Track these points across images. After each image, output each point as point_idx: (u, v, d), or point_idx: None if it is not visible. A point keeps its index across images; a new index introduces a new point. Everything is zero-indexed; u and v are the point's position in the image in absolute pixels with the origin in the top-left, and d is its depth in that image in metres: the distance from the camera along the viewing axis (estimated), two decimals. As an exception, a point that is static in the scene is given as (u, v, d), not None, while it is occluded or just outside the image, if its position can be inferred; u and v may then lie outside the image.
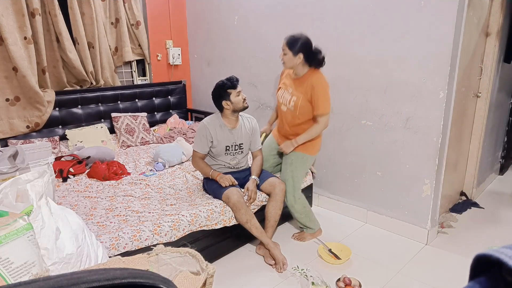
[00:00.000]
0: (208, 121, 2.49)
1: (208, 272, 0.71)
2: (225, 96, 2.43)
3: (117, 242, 1.91)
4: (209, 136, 2.46)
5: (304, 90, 2.48)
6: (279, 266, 2.37)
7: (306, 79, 2.48)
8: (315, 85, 2.43)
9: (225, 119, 2.51)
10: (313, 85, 2.44)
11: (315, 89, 2.43)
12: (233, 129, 2.52)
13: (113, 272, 0.39)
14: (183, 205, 2.40)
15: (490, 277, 0.38)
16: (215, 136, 2.47)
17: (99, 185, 2.71)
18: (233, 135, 2.53)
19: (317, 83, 2.44)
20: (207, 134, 2.46)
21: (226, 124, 2.50)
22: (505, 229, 2.94)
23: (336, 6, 2.89)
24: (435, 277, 2.31)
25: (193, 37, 4.36)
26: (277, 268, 2.38)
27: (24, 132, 3.21)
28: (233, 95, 2.43)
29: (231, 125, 2.52)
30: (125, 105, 3.90)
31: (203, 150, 2.50)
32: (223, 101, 2.44)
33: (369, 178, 2.96)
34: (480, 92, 3.21)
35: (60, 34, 3.34)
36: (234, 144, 2.55)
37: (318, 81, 2.44)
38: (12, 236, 0.92)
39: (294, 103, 2.52)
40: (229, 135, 2.51)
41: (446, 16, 2.36)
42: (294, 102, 2.52)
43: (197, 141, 2.51)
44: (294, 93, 2.53)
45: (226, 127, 2.50)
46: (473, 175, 3.41)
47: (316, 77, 2.46)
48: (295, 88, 2.53)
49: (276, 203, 2.53)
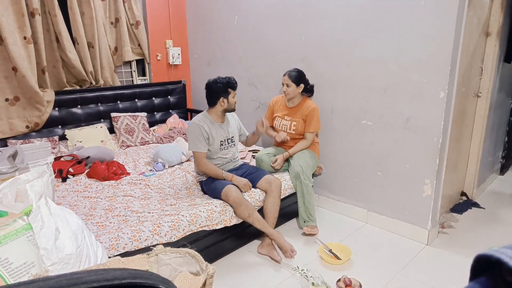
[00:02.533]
0: (199, 120, 2.51)
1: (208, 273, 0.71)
2: (224, 93, 2.47)
3: (116, 242, 1.91)
4: (205, 133, 2.48)
5: (300, 115, 2.94)
6: (288, 253, 2.38)
7: (302, 105, 2.96)
8: (311, 109, 2.90)
9: (214, 116, 2.56)
10: (309, 109, 2.90)
11: (310, 112, 2.90)
12: (222, 124, 2.58)
13: (112, 272, 0.39)
14: (183, 205, 2.39)
15: (490, 277, 0.38)
16: (210, 133, 2.50)
17: (98, 185, 2.71)
18: (223, 130, 2.58)
19: (313, 107, 2.91)
20: (202, 132, 2.47)
21: (215, 120, 2.55)
22: (505, 229, 2.94)
23: (336, 6, 2.89)
24: (435, 278, 2.31)
25: (193, 37, 4.36)
26: (287, 255, 2.39)
27: (23, 132, 3.21)
28: (231, 96, 2.51)
29: (220, 121, 2.57)
30: (124, 105, 3.89)
31: (204, 149, 2.49)
32: (221, 98, 2.48)
33: (369, 178, 2.96)
34: (481, 92, 3.21)
35: (60, 34, 3.34)
36: (227, 138, 2.60)
37: (313, 106, 2.93)
38: (12, 236, 0.91)
39: (295, 127, 2.96)
40: (220, 130, 2.56)
41: (446, 16, 2.36)
42: (295, 127, 2.96)
43: (195, 142, 2.48)
44: (293, 120, 2.97)
45: (216, 123, 2.55)
46: (473, 175, 3.41)
47: (311, 103, 2.97)
48: (293, 116, 2.98)
49: (274, 199, 2.55)
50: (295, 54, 3.26)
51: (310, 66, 3.14)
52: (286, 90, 2.90)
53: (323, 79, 3.08)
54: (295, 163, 2.80)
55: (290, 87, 2.87)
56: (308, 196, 2.75)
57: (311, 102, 2.98)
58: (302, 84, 2.90)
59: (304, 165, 2.77)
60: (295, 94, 2.91)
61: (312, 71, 3.09)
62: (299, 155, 2.89)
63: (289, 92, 2.89)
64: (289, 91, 2.89)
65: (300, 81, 2.89)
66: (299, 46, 3.22)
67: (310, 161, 2.87)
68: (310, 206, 2.76)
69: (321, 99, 3.09)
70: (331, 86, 3.05)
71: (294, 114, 2.97)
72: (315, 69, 3.11)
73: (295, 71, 2.90)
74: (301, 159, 2.83)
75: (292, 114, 2.98)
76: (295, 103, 2.98)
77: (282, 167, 2.95)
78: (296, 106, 2.97)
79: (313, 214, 2.78)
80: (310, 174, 2.84)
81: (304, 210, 2.76)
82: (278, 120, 3.07)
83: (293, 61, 3.27)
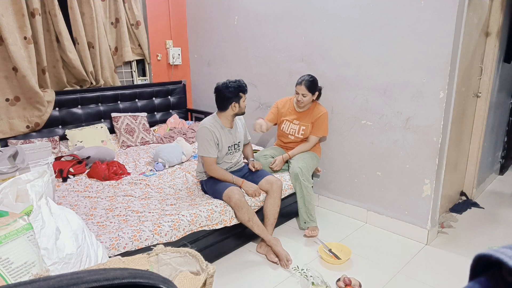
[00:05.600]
0: (210, 124, 2.44)
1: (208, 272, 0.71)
2: (236, 98, 2.42)
3: (117, 242, 1.91)
4: (215, 139, 2.44)
5: (310, 119, 2.93)
6: (283, 262, 2.38)
7: (312, 109, 2.94)
8: (322, 113, 2.92)
9: (224, 120, 2.50)
10: (320, 113, 2.91)
11: (321, 117, 2.91)
12: (231, 129, 2.54)
13: (113, 272, 0.39)
14: (183, 205, 2.39)
15: (490, 277, 0.38)
16: (219, 139, 2.46)
17: (99, 185, 2.71)
18: (232, 135, 2.54)
19: (324, 112, 2.93)
20: (213, 137, 2.42)
21: (225, 125, 2.50)
22: (505, 229, 2.94)
23: (336, 6, 2.89)
24: (435, 277, 2.31)
25: (193, 37, 4.36)
26: (282, 264, 2.39)
27: (24, 132, 3.21)
28: (242, 100, 2.46)
29: (229, 126, 2.52)
30: (125, 105, 3.89)
31: (214, 154, 2.45)
32: (233, 103, 2.43)
33: (369, 178, 2.96)
34: (480, 92, 3.21)
35: (60, 34, 3.34)
36: (234, 144, 2.56)
37: (324, 111, 2.94)
38: (12, 236, 0.92)
39: (304, 132, 2.95)
40: (229, 136, 2.52)
41: (446, 16, 2.36)
42: (304, 131, 2.95)
43: (206, 146, 2.43)
44: (301, 124, 2.95)
45: (225, 128, 2.50)
46: (473, 175, 3.41)
47: (322, 107, 2.96)
48: (302, 120, 2.95)
49: (274, 200, 2.55)
50: (295, 54, 3.26)
51: (310, 66, 3.14)
52: (301, 99, 2.82)
53: (323, 79, 3.08)
54: (295, 165, 2.79)
55: (306, 96, 2.81)
56: (308, 197, 2.75)
57: (322, 107, 2.96)
58: (317, 92, 2.87)
59: (303, 166, 2.76)
60: (309, 101, 2.88)
61: (312, 71, 3.08)
62: (299, 156, 2.89)
63: (305, 101, 2.83)
64: (304, 100, 2.82)
65: (315, 89, 2.84)
66: (299, 46, 3.22)
67: (310, 162, 2.86)
68: (310, 206, 2.76)
69: (321, 99, 3.09)
70: (331, 86, 3.05)
71: (304, 118, 2.94)
72: (315, 69, 3.11)
73: (311, 80, 2.80)
74: (300, 161, 2.82)
75: (302, 118, 2.95)
76: (305, 108, 2.95)
77: (281, 168, 2.95)
78: (306, 111, 2.95)
79: (314, 214, 2.78)
80: (310, 175, 2.84)
81: (305, 211, 2.76)
82: (287, 124, 3.01)
83: (293, 61, 3.27)
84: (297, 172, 2.73)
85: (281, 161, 2.89)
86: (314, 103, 2.96)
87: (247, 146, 2.84)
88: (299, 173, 2.72)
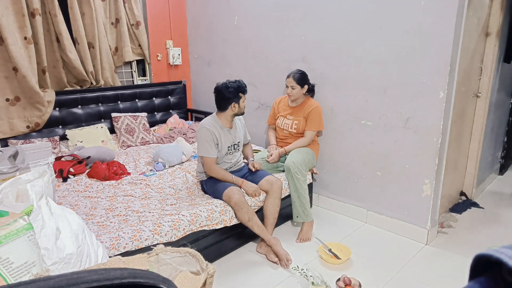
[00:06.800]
0: (210, 124, 2.45)
1: (208, 272, 0.71)
2: (236, 98, 2.43)
3: (117, 242, 1.91)
4: (215, 139, 2.44)
5: (303, 114, 2.97)
6: (283, 262, 2.38)
7: (304, 104, 3.00)
8: (313, 107, 2.95)
9: (223, 121, 2.50)
10: (311, 108, 2.95)
11: (312, 111, 2.94)
12: (230, 129, 2.54)
13: (113, 272, 0.39)
14: (183, 205, 2.40)
15: (490, 277, 0.38)
16: (219, 139, 2.46)
17: (99, 185, 2.71)
18: (231, 135, 2.54)
19: (315, 106, 2.96)
20: (213, 137, 2.43)
21: (224, 125, 2.50)
22: (505, 229, 2.94)
23: (336, 6, 2.89)
24: (435, 277, 2.31)
25: (193, 37, 4.36)
26: (282, 264, 2.39)
27: (24, 132, 3.21)
28: (242, 100, 2.47)
29: (228, 126, 2.52)
30: (125, 105, 3.89)
31: (214, 154, 2.46)
32: (233, 103, 2.43)
33: (369, 178, 2.96)
34: (480, 92, 3.21)
35: (60, 34, 3.34)
36: (233, 144, 2.56)
37: (315, 105, 2.98)
38: (12, 236, 0.92)
39: (296, 126, 2.99)
40: (228, 136, 2.52)
41: (446, 16, 2.36)
42: (297, 125, 2.99)
43: (205, 146, 2.43)
44: (295, 118, 3.01)
45: (225, 128, 2.50)
46: (473, 175, 3.41)
47: (314, 102, 3.02)
48: (295, 115, 3.01)
49: (274, 200, 2.55)
50: (295, 54, 3.26)
51: (310, 66, 3.14)
52: (290, 92, 2.91)
53: (323, 79, 3.08)
54: (289, 160, 2.79)
55: (295, 89, 2.90)
56: (302, 191, 2.74)
57: (313, 101, 3.02)
58: (306, 85, 2.94)
59: (296, 160, 2.75)
60: (300, 95, 2.95)
61: (312, 71, 3.09)
62: (295, 151, 2.90)
63: (294, 94, 2.92)
64: (293, 93, 2.91)
65: (304, 82, 2.92)
66: (299, 46, 3.22)
67: (306, 157, 2.86)
68: (304, 201, 2.75)
69: (321, 99, 3.09)
70: (331, 86, 3.06)
71: (297, 113, 3.00)
72: (315, 69, 3.11)
73: (299, 73, 2.91)
74: (294, 156, 2.81)
75: (295, 113, 3.01)
76: (298, 103, 3.01)
77: (276, 162, 2.94)
78: (299, 106, 3.01)
79: (308, 209, 2.77)
80: (303, 170, 2.79)
81: (300, 205, 2.75)
82: (281, 119, 3.09)
83: (293, 61, 3.27)
84: (289, 165, 2.73)
85: (277, 154, 2.90)
86: (306, 98, 3.02)
87: (247, 146, 2.84)
88: (291, 166, 2.72)
